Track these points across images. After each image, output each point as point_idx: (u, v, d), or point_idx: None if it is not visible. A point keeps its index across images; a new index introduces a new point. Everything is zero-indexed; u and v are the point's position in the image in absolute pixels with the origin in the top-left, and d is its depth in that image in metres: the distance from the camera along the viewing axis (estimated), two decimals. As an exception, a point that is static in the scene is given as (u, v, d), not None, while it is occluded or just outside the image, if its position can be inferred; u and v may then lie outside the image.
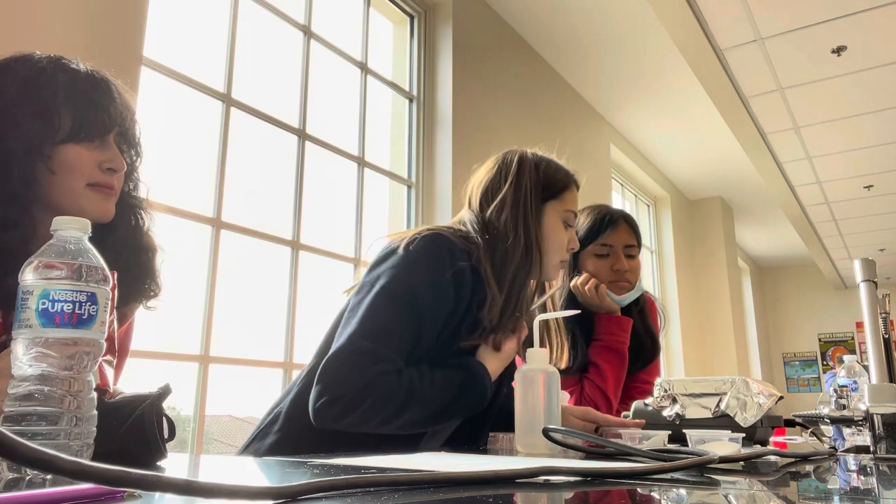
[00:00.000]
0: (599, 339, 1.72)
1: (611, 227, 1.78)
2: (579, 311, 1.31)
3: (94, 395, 0.59)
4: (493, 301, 1.17)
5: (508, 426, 1.06)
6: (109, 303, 0.60)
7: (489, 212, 1.26)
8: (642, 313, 1.82)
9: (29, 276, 0.57)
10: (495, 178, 1.30)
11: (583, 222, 1.81)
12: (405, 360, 1.10)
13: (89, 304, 0.57)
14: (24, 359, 0.55)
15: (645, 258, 6.59)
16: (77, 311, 0.57)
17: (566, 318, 1.66)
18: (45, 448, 0.31)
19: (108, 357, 0.91)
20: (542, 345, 1.70)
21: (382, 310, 1.10)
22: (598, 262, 1.77)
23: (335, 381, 1.04)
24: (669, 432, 0.92)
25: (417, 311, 1.11)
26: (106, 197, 0.98)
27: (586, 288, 1.73)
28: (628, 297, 1.76)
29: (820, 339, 10.86)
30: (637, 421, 1.21)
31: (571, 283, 1.77)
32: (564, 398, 1.36)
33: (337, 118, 3.25)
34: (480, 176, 1.34)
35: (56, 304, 0.56)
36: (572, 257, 1.80)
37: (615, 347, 1.69)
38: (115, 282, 0.90)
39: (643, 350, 1.79)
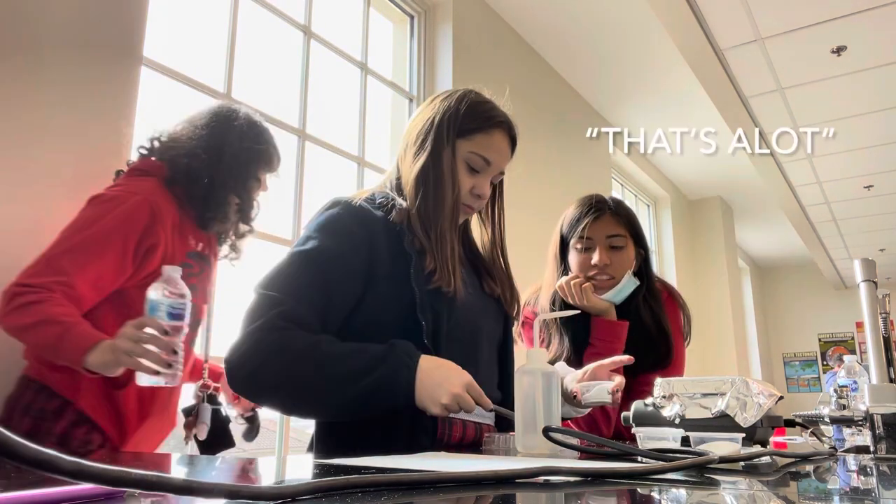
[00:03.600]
0: (592, 345, 1.60)
1: (590, 217, 1.62)
2: (579, 311, 1.30)
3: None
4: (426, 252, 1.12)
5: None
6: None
7: (405, 151, 1.22)
8: (651, 308, 1.67)
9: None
10: (422, 115, 1.25)
11: (570, 214, 1.70)
12: (316, 318, 1.03)
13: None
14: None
15: (645, 258, 6.59)
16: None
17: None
18: (44, 448, 0.31)
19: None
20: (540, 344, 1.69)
21: (283, 267, 1.07)
22: (578, 256, 1.65)
23: (239, 332, 1.01)
24: (683, 432, 0.91)
25: (322, 265, 1.06)
26: None
27: (571, 287, 1.61)
28: (614, 295, 1.62)
29: (820, 339, 10.87)
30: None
31: (557, 283, 1.65)
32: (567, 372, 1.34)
33: (337, 118, 3.25)
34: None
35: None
36: (560, 253, 1.71)
37: (608, 356, 1.52)
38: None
39: (652, 345, 1.62)
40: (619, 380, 1.25)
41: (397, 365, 0.98)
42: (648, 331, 1.64)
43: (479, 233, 1.35)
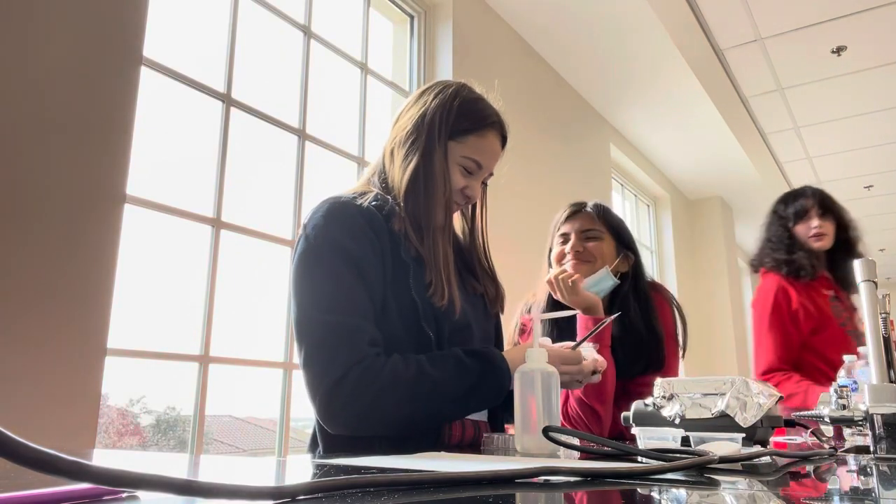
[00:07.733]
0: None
1: (567, 216, 1.74)
2: (576, 312, 1.30)
3: None
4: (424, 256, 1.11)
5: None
6: None
7: (395, 148, 1.18)
8: (641, 311, 1.66)
9: None
10: (411, 110, 1.20)
11: (555, 217, 1.79)
12: (377, 330, 1.03)
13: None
14: None
15: (645, 258, 6.59)
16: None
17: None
18: (44, 448, 0.31)
19: None
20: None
21: (328, 281, 1.03)
22: (557, 250, 1.73)
23: (322, 368, 0.97)
24: (683, 432, 0.91)
25: (360, 273, 1.04)
26: None
27: (559, 281, 1.60)
28: (592, 285, 1.62)
29: (820, 339, 10.84)
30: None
31: (546, 279, 1.66)
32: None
33: (337, 118, 3.25)
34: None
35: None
36: (548, 255, 1.78)
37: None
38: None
39: (643, 349, 1.61)
40: (601, 360, 1.26)
41: (498, 371, 1.07)
42: (639, 334, 1.63)
43: (460, 226, 1.33)
